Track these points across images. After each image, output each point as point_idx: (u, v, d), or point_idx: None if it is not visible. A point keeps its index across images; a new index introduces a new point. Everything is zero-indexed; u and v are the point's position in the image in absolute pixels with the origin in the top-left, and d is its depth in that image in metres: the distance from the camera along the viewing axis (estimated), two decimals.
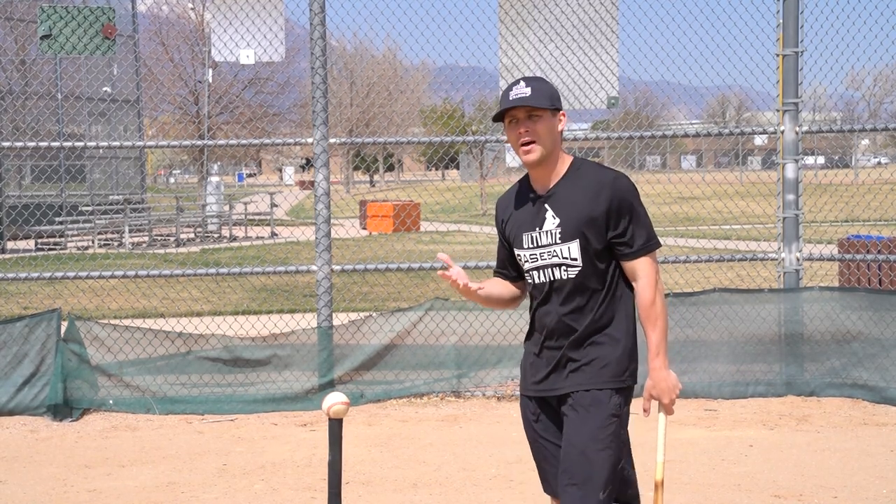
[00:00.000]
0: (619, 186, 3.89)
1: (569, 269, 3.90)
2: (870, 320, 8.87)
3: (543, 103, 3.89)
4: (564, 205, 3.91)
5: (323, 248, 9.21)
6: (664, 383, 3.91)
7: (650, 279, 3.90)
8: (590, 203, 3.87)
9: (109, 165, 30.35)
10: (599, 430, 3.84)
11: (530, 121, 3.90)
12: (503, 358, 9.11)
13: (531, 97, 3.87)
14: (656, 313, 3.88)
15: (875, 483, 6.64)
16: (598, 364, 3.88)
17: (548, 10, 9.42)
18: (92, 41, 9.15)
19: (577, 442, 3.85)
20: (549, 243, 3.92)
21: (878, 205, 13.01)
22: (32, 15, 23.01)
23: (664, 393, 3.91)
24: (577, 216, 3.88)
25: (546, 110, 3.91)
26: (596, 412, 3.86)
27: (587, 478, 3.82)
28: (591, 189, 3.88)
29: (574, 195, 3.90)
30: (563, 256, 3.90)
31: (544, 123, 3.91)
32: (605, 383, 3.88)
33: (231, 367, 8.99)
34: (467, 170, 50.30)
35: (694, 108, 35.97)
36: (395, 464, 7.29)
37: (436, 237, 24.99)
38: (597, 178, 3.91)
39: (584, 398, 3.88)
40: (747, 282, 12.65)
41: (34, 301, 14.52)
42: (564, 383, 3.92)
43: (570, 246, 3.89)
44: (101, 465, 7.40)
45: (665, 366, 3.89)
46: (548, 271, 3.93)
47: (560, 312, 3.92)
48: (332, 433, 4.16)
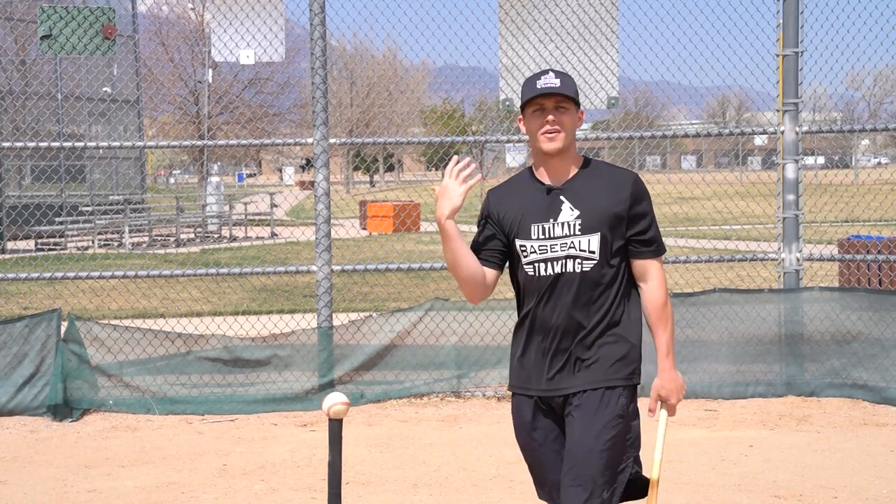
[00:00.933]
0: (640, 186, 3.95)
1: (584, 262, 3.87)
2: (870, 320, 8.87)
3: (573, 94, 3.93)
4: (584, 198, 3.90)
5: (323, 249, 9.21)
6: (673, 384, 3.93)
7: (661, 280, 3.93)
8: (612, 198, 3.89)
9: (109, 165, 30.35)
10: (605, 430, 3.82)
11: (557, 111, 3.91)
12: (503, 358, 9.10)
13: (561, 87, 3.89)
14: (667, 314, 3.92)
15: (875, 483, 6.64)
16: (608, 361, 3.86)
17: (548, 10, 9.41)
18: (92, 41, 9.15)
19: (582, 442, 3.83)
20: (564, 235, 3.88)
21: (878, 205, 13.01)
22: (32, 15, 23.01)
23: (673, 393, 3.93)
24: (600, 210, 3.88)
25: (573, 102, 3.94)
26: (602, 412, 3.84)
27: (591, 478, 3.80)
28: (614, 185, 3.91)
29: (594, 189, 3.91)
30: (580, 249, 3.87)
31: (570, 116, 3.93)
32: (616, 381, 3.86)
33: (231, 368, 8.99)
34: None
35: (694, 108, 35.98)
36: (395, 464, 7.29)
37: (436, 237, 24.91)
38: (617, 175, 3.96)
39: (591, 398, 3.85)
40: (747, 282, 12.65)
41: (34, 301, 14.52)
42: (573, 382, 3.88)
43: (589, 238, 3.87)
44: (101, 465, 7.40)
45: (674, 366, 3.92)
46: (557, 263, 3.88)
47: (568, 307, 3.86)
48: (332, 433, 4.16)
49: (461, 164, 3.92)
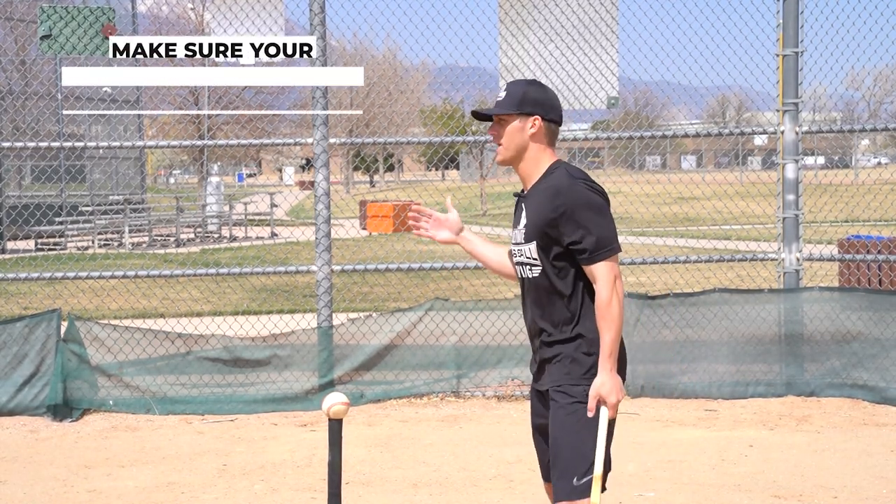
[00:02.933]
0: (571, 194, 3.97)
1: (532, 268, 4.07)
2: (870, 320, 8.87)
3: (505, 109, 4.06)
4: (531, 206, 4.08)
5: (323, 249, 9.21)
6: (611, 382, 3.96)
7: (606, 282, 3.97)
8: (546, 207, 4.01)
9: (109, 165, 30.35)
10: (569, 416, 3.98)
11: (498, 124, 4.11)
12: (503, 358, 9.11)
13: (497, 104, 4.08)
14: (611, 315, 3.94)
15: (875, 483, 6.64)
16: (565, 361, 4.02)
17: (548, 10, 9.41)
18: (92, 41, 9.15)
19: (553, 432, 4.03)
20: (520, 242, 4.11)
21: (878, 205, 13.00)
22: (32, 15, 22.98)
23: (612, 392, 3.97)
24: (537, 219, 4.03)
25: (511, 115, 4.07)
26: (564, 401, 4.01)
27: (567, 465, 3.96)
28: (550, 193, 4.01)
29: (539, 198, 4.06)
30: (527, 256, 4.08)
31: (507, 127, 4.08)
32: (573, 380, 4.01)
33: (231, 367, 8.99)
34: (467, 170, 50.30)
35: (694, 108, 35.99)
36: (395, 464, 7.29)
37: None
38: (557, 183, 4.02)
39: (556, 395, 4.04)
40: (747, 282, 12.65)
41: (34, 301, 14.52)
42: (545, 379, 4.10)
43: (530, 247, 4.06)
44: (101, 465, 7.40)
45: (614, 368, 3.97)
46: (524, 269, 4.12)
47: (531, 310, 4.11)
48: (332, 433, 4.17)
49: (412, 213, 4.26)
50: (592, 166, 42.62)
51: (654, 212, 15.59)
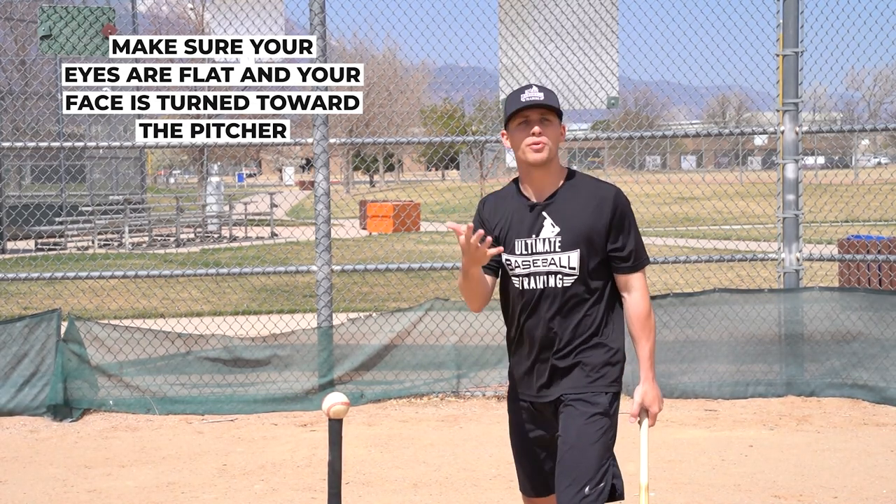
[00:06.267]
0: (620, 201, 4.01)
1: (565, 277, 3.98)
2: (870, 320, 8.87)
3: (556, 107, 4.02)
4: (565, 214, 3.99)
5: (323, 249, 9.21)
6: (654, 392, 4.01)
7: (643, 291, 4.01)
8: (592, 215, 3.97)
9: (109, 165, 30.34)
10: (588, 424, 3.93)
11: (542, 124, 4.00)
12: (503, 358, 9.10)
13: (546, 99, 3.99)
14: (650, 325, 3.99)
15: (875, 483, 6.64)
16: (590, 368, 3.98)
17: (548, 10, 9.42)
18: (92, 41, 9.15)
19: (568, 439, 3.95)
20: (546, 251, 3.99)
21: (878, 205, 13.01)
22: (32, 15, 23.01)
23: (655, 402, 4.01)
24: (580, 227, 3.97)
25: (557, 115, 4.02)
26: (585, 409, 3.95)
27: (580, 473, 3.89)
28: (594, 201, 3.99)
29: (575, 205, 4.00)
30: (560, 265, 3.98)
31: (553, 128, 4.02)
32: (599, 386, 3.98)
33: (231, 367, 9.00)
34: (467, 170, 50.27)
35: (694, 108, 36.01)
36: (395, 464, 7.29)
37: (436, 237, 24.97)
38: (598, 191, 4.02)
39: (577, 402, 3.97)
40: (747, 282, 12.65)
41: (34, 301, 14.52)
42: (558, 389, 4.01)
43: (570, 255, 3.97)
44: (101, 465, 7.40)
45: (655, 377, 4.01)
46: (541, 278, 4.00)
47: (547, 320, 3.99)
48: (332, 433, 4.16)
49: (474, 236, 3.86)
50: (592, 166, 42.66)
51: (655, 212, 15.59)
